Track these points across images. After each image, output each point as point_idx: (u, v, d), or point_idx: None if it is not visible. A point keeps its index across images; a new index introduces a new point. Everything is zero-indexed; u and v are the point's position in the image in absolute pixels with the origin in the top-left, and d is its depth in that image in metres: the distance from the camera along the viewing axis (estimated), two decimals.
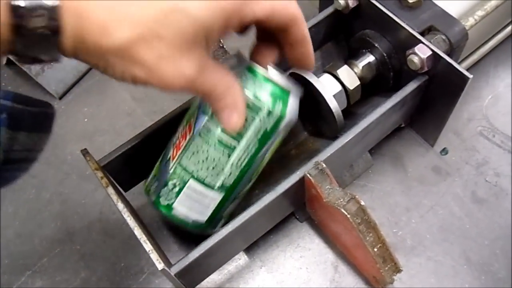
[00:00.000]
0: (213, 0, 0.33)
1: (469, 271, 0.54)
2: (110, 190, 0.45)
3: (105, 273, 0.57)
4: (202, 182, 0.46)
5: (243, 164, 0.47)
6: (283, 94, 0.45)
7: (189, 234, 0.55)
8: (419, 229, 0.57)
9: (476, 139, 0.62)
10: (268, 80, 0.44)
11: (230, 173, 0.47)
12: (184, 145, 0.47)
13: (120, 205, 0.45)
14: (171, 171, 0.47)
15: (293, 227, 0.58)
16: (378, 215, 0.57)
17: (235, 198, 0.50)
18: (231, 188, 0.48)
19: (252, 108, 0.43)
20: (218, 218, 0.50)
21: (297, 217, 0.58)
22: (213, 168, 0.46)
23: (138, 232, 0.43)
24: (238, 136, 0.45)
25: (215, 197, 0.48)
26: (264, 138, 0.46)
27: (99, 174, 0.46)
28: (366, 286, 0.54)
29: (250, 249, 0.57)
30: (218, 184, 0.47)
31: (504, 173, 0.60)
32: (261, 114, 0.44)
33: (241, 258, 0.57)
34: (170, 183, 0.47)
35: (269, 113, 0.44)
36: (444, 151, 0.62)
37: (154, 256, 0.42)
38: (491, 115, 0.64)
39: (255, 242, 0.56)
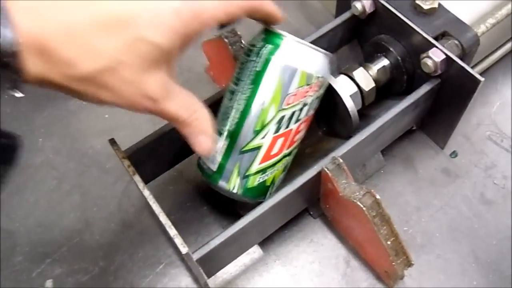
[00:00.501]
0: (168, 25, 0.34)
1: (477, 269, 0.56)
2: (137, 178, 0.47)
3: (123, 263, 0.59)
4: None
5: (242, 108, 0.48)
6: (275, 37, 0.47)
7: (200, 229, 0.57)
8: (429, 228, 0.59)
9: (485, 143, 0.64)
10: (265, 30, 0.48)
11: (234, 118, 0.48)
12: None
13: (146, 192, 0.46)
14: None
15: (307, 223, 0.60)
16: (389, 213, 0.59)
17: (243, 152, 0.49)
18: (235, 135, 0.48)
19: (246, 53, 0.48)
20: (227, 169, 0.50)
21: (311, 213, 0.60)
22: (222, 115, 0.49)
23: (163, 218, 0.45)
24: (237, 80, 0.48)
25: (221, 145, 0.49)
26: (257, 78, 0.47)
27: (126, 162, 0.48)
28: (377, 281, 0.56)
29: (265, 243, 0.58)
30: (224, 129, 0.49)
31: (511, 176, 0.62)
32: (252, 56, 0.47)
33: (256, 252, 0.58)
34: None
35: (258, 53, 0.47)
36: (454, 153, 0.64)
37: (178, 241, 0.44)
38: (500, 121, 0.66)
39: (270, 237, 0.58)
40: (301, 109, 0.49)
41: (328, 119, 0.61)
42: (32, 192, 0.64)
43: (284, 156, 0.51)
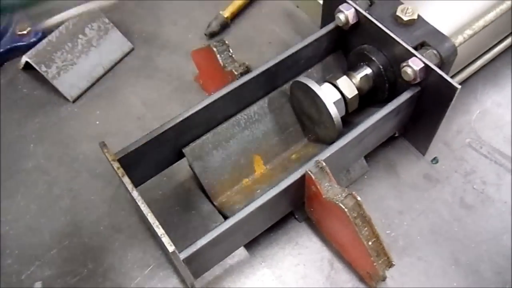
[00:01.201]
0: None
1: (457, 271, 0.58)
2: (126, 179, 0.49)
3: (112, 265, 0.60)
4: None
5: None
6: None
7: (188, 232, 0.58)
8: (411, 231, 0.61)
9: (465, 150, 0.67)
10: None
11: None
12: None
13: (135, 193, 0.48)
14: None
15: (292, 227, 0.61)
16: (372, 217, 0.60)
17: None
18: None
19: None
20: None
21: (296, 217, 0.61)
22: None
23: (151, 218, 0.46)
24: None
25: None
26: None
27: (116, 164, 0.50)
28: (360, 282, 0.57)
29: (251, 246, 0.60)
30: None
31: (490, 181, 0.64)
32: None
33: (242, 254, 0.59)
34: None
35: None
36: (435, 160, 0.66)
37: (165, 240, 0.45)
38: (479, 129, 0.68)
39: (256, 240, 0.59)
40: None
41: (313, 126, 0.63)
42: (23, 196, 0.65)
43: None
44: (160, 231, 0.45)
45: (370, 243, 0.51)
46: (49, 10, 0.76)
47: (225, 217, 0.59)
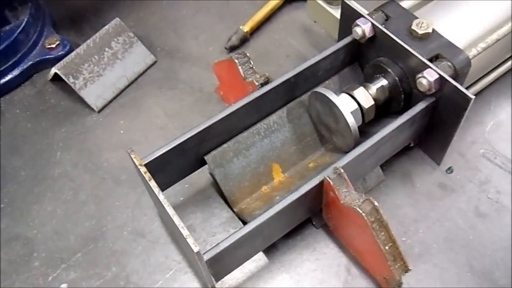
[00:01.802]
0: None
1: (472, 278, 0.59)
2: (153, 183, 0.51)
3: (135, 268, 0.62)
4: None
5: None
6: None
7: (209, 237, 0.60)
8: (426, 239, 0.62)
9: (479, 160, 0.68)
10: None
11: None
12: None
13: (161, 196, 0.50)
14: None
15: (310, 233, 0.63)
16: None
17: None
18: None
19: None
20: None
21: (314, 223, 0.63)
22: None
23: (177, 219, 0.48)
24: None
25: None
26: None
27: (143, 169, 0.52)
28: None
29: (269, 252, 0.61)
30: None
31: (504, 191, 0.65)
32: None
33: (261, 259, 0.61)
34: None
35: None
36: (450, 169, 0.67)
37: (190, 240, 0.47)
38: (493, 140, 0.70)
39: (275, 245, 0.61)
40: None
41: (331, 135, 0.65)
42: (49, 201, 0.68)
43: None
44: (185, 232, 0.47)
45: (387, 247, 0.52)
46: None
47: (245, 223, 0.61)
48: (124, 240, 0.64)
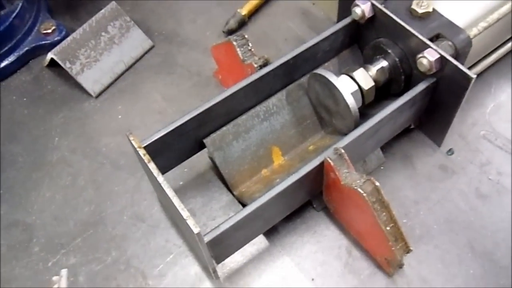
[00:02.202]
0: None
1: (473, 259, 0.59)
2: (152, 165, 0.51)
3: (135, 253, 0.61)
4: None
5: None
6: None
7: (209, 221, 0.60)
8: (427, 220, 0.62)
9: (480, 141, 0.68)
10: None
11: None
12: None
13: (161, 178, 0.50)
14: None
15: (310, 216, 0.63)
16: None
17: None
18: None
19: None
20: None
21: (314, 206, 0.63)
22: None
23: (176, 201, 0.48)
24: None
25: None
26: None
27: (142, 151, 0.52)
28: (378, 269, 0.58)
29: (270, 235, 0.61)
30: None
31: (505, 172, 0.65)
32: None
33: (262, 242, 0.61)
34: None
35: None
36: (450, 151, 0.67)
37: (191, 222, 0.46)
38: (494, 121, 0.69)
39: (275, 228, 0.61)
40: None
41: (331, 118, 0.64)
42: (48, 187, 0.67)
43: None
44: (185, 213, 0.47)
45: (388, 228, 0.52)
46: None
47: (245, 207, 0.61)
48: (124, 225, 0.64)
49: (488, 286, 0.57)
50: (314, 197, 0.61)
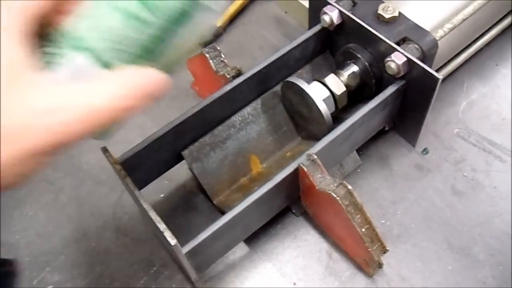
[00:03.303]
0: None
1: (451, 255, 0.60)
2: (128, 180, 0.51)
3: (119, 267, 0.62)
4: None
5: None
6: None
7: (190, 233, 0.61)
8: (405, 220, 0.63)
9: (454, 139, 0.69)
10: None
11: None
12: None
13: (137, 192, 0.51)
14: None
15: (290, 221, 0.64)
16: (367, 208, 0.62)
17: None
18: None
19: None
20: None
21: (293, 211, 0.64)
22: None
23: (153, 214, 0.49)
24: None
25: None
26: None
27: (118, 167, 0.53)
28: (358, 270, 0.59)
29: (251, 241, 0.62)
30: None
31: (479, 168, 0.66)
32: None
33: (243, 250, 0.62)
34: None
35: None
36: (425, 150, 0.68)
37: (168, 234, 0.47)
38: (467, 119, 0.71)
39: (256, 235, 0.62)
40: None
41: (306, 124, 0.66)
42: (31, 206, 0.68)
43: None
44: (162, 226, 0.48)
45: (363, 229, 0.53)
46: None
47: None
48: (107, 240, 0.64)
49: (466, 281, 0.58)
50: (293, 202, 0.62)
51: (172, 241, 0.47)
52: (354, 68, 0.64)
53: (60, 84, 0.32)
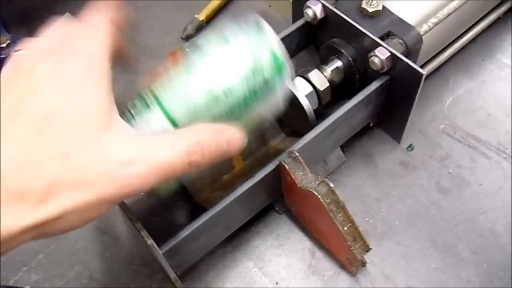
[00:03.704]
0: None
1: (435, 253, 0.59)
2: None
3: (98, 266, 0.61)
4: None
5: None
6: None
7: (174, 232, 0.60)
8: (389, 217, 0.62)
9: (439, 136, 0.68)
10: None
11: None
12: None
13: None
14: None
15: (273, 219, 0.63)
16: (351, 206, 0.61)
17: None
18: None
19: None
20: None
21: (276, 209, 0.63)
22: None
23: (128, 213, 0.48)
24: None
25: None
26: None
27: None
28: (341, 269, 0.58)
29: (232, 240, 0.61)
30: None
31: (465, 165, 0.65)
32: None
33: (225, 248, 0.61)
34: None
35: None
36: (410, 147, 0.67)
37: (144, 233, 0.46)
38: (452, 115, 0.70)
39: (237, 233, 0.61)
40: None
41: (289, 120, 0.64)
42: None
43: None
44: (138, 225, 0.47)
45: (345, 228, 0.52)
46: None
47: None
48: (85, 238, 0.63)
49: (450, 279, 0.57)
50: (276, 200, 0.61)
51: (148, 241, 0.46)
52: (338, 63, 0.63)
53: (140, 136, 0.35)
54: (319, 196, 0.50)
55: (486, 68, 0.75)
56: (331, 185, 0.51)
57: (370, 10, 0.60)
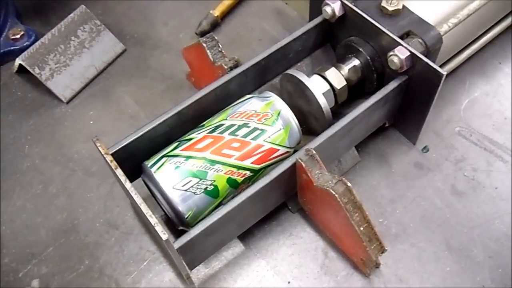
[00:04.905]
0: None
1: (450, 256, 0.58)
2: (119, 171, 0.49)
3: (108, 260, 0.60)
4: None
5: None
6: None
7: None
8: (403, 219, 0.61)
9: (455, 138, 0.67)
10: None
11: None
12: None
13: (128, 184, 0.49)
14: None
15: (286, 218, 0.62)
16: (365, 207, 0.61)
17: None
18: None
19: None
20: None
21: (290, 208, 0.62)
22: None
23: (144, 207, 0.47)
24: None
25: None
26: None
27: (109, 158, 0.51)
28: (354, 270, 0.58)
29: (245, 238, 0.60)
30: None
31: (480, 168, 0.65)
32: None
33: (237, 246, 0.60)
34: None
35: None
36: (425, 148, 0.66)
37: (159, 228, 0.45)
38: (468, 117, 0.69)
39: (250, 231, 0.60)
40: (239, 126, 0.54)
41: (304, 118, 0.64)
42: (18, 196, 0.66)
43: (210, 161, 0.53)
44: (153, 220, 0.46)
45: (361, 228, 0.51)
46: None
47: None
48: (96, 232, 0.62)
49: (465, 283, 0.57)
50: (289, 198, 0.61)
51: (164, 236, 0.45)
52: (356, 62, 0.62)
53: None
54: (336, 195, 0.50)
55: (502, 71, 0.74)
56: (349, 184, 0.50)
57: (390, 9, 0.59)
